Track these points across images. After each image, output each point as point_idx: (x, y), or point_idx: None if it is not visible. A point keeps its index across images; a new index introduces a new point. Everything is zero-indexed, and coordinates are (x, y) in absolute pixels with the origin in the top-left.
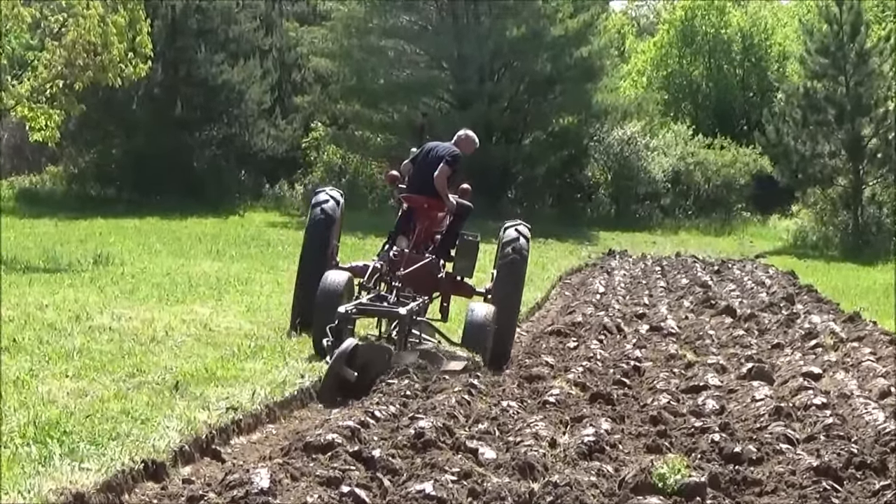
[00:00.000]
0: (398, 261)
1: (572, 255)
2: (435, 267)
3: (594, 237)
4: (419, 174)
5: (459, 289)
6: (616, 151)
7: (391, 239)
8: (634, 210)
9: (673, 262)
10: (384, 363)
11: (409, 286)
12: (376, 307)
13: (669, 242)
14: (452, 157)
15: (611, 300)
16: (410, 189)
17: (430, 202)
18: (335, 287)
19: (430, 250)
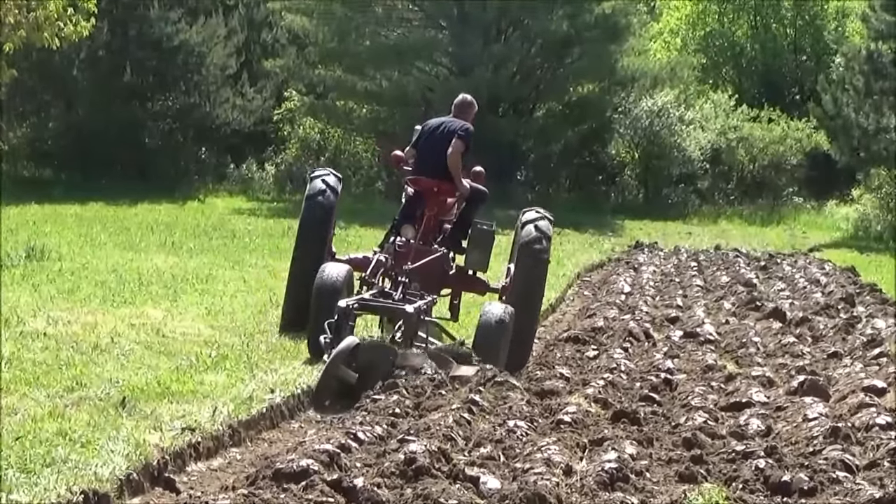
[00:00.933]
0: (404, 253)
1: (592, 247)
2: (445, 260)
3: (618, 227)
4: (427, 153)
5: (472, 285)
6: (644, 125)
7: (395, 228)
8: (666, 195)
9: (711, 256)
10: (388, 365)
11: (415, 282)
12: (381, 304)
13: (707, 233)
14: (466, 132)
15: (638, 301)
16: (417, 170)
17: (441, 186)
18: (334, 280)
19: (439, 241)
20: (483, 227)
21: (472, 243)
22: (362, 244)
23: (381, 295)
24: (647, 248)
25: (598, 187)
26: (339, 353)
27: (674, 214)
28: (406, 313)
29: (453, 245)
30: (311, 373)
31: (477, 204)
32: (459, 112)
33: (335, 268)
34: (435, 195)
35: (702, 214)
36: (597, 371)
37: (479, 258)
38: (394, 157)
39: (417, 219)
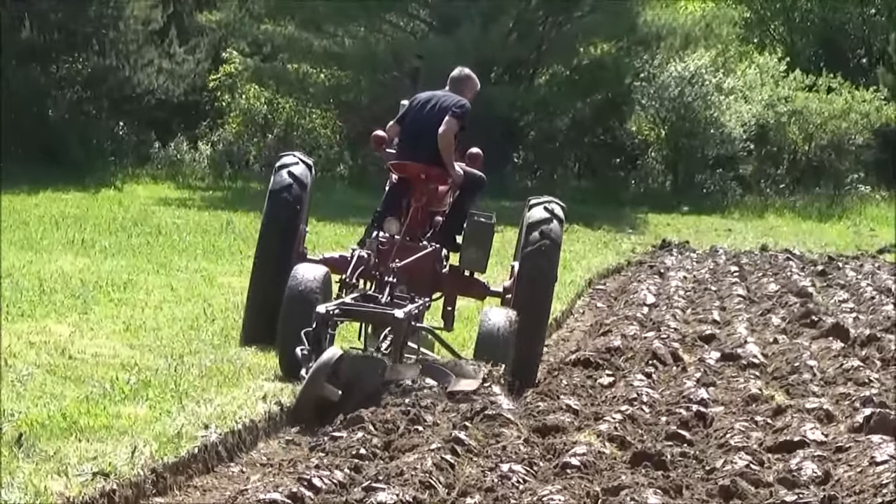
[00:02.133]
0: (388, 250)
1: (608, 247)
2: (436, 259)
3: (640, 222)
4: (413, 133)
5: (468, 287)
6: (674, 95)
7: (376, 221)
8: (700, 182)
9: (757, 258)
10: (376, 380)
11: (402, 284)
12: (366, 309)
13: (752, 230)
14: (461, 109)
15: (664, 315)
16: (401, 153)
17: (429, 171)
18: (309, 284)
19: (429, 236)
20: (481, 220)
21: (468, 239)
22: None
23: (365, 299)
24: (675, 249)
25: (614, 173)
26: (320, 366)
27: (709, 207)
28: (395, 319)
29: (446, 241)
30: (254, 404)
31: (473, 192)
32: (455, 86)
33: (310, 269)
34: (423, 182)
35: (744, 207)
36: (612, 402)
37: (476, 256)
38: (374, 137)
39: (403, 211)
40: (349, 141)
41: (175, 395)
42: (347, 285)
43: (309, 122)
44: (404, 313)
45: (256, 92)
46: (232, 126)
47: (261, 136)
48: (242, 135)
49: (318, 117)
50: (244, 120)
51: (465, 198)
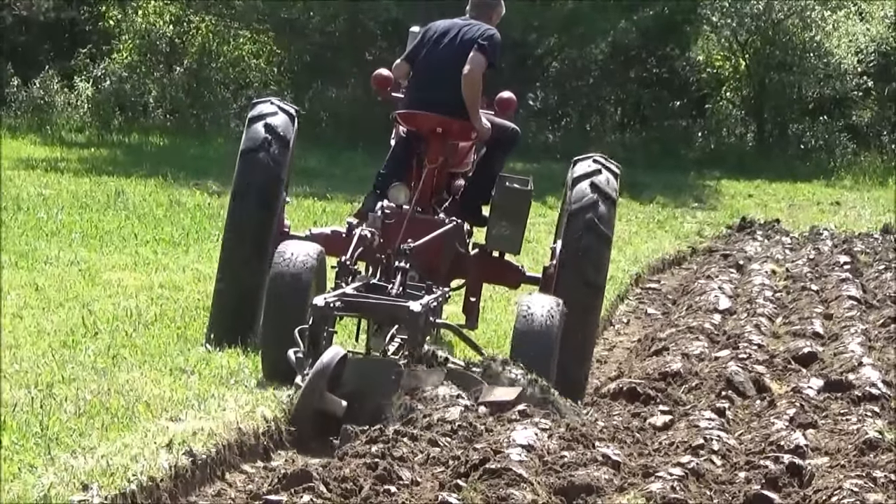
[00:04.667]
0: (394, 224)
1: (663, 229)
2: (457, 236)
3: (710, 192)
4: (429, 74)
5: (498, 273)
6: (757, 10)
7: (379, 187)
8: (796, 135)
9: (876, 244)
10: (391, 387)
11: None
12: (374, 300)
13: (870, 203)
14: (490, 42)
15: (744, 326)
16: (413, 100)
17: (449, 124)
18: (301, 266)
19: (447, 206)
20: (514, 186)
21: (498, 210)
22: None
23: (369, 288)
24: (760, 231)
25: (673, 122)
26: (319, 372)
27: (808, 171)
28: (412, 312)
29: (469, 213)
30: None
31: (504, 150)
32: (478, 10)
33: (300, 248)
34: (440, 138)
35: (859, 170)
36: (669, 451)
37: (508, 233)
38: (377, 76)
39: (414, 174)
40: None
41: (41, 443)
42: (346, 270)
43: (234, 50)
44: (421, 306)
45: (158, 6)
46: (123, 55)
47: (165, 69)
48: (138, 67)
49: (246, 42)
50: (141, 46)
51: (493, 157)
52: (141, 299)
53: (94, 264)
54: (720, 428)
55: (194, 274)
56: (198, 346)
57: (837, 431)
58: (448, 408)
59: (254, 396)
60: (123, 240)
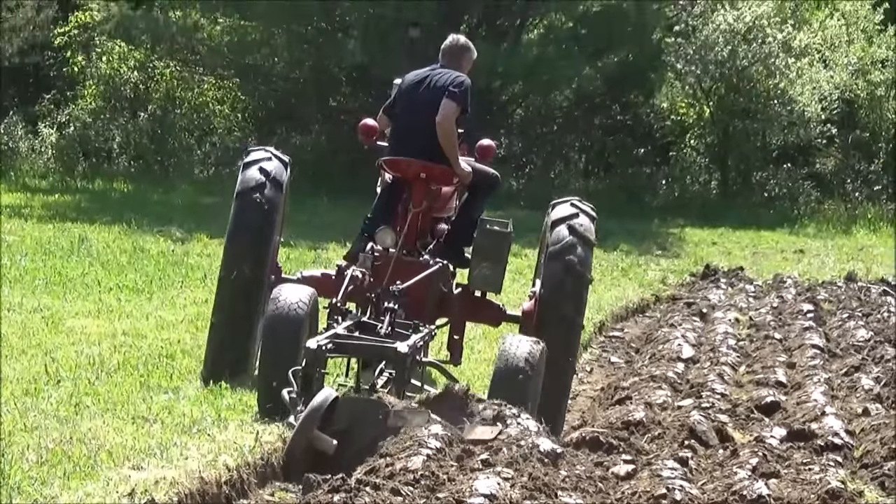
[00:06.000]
0: (382, 266)
1: (627, 276)
2: (442, 278)
3: (674, 239)
4: (407, 122)
5: (480, 311)
6: (722, 57)
7: (367, 231)
8: (760, 182)
9: (840, 292)
10: (379, 426)
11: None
12: (364, 343)
13: (833, 251)
14: (460, 89)
15: (707, 375)
16: (395, 148)
17: (430, 169)
18: (295, 309)
19: (432, 248)
20: (494, 229)
21: (480, 252)
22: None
23: (359, 327)
24: (724, 279)
25: (637, 169)
26: (312, 412)
27: (772, 219)
28: (398, 353)
29: (452, 254)
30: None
31: (484, 194)
32: (449, 59)
33: (294, 291)
34: (423, 183)
35: (823, 218)
36: (632, 500)
37: (489, 273)
38: (362, 126)
39: (400, 218)
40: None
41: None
42: (337, 310)
43: (198, 96)
44: (408, 346)
45: (123, 52)
46: (88, 101)
47: (129, 115)
48: (102, 113)
49: (210, 88)
50: (105, 92)
51: (474, 201)
52: (104, 347)
53: (57, 311)
54: (683, 477)
55: (157, 321)
56: (160, 394)
57: (800, 481)
58: (411, 457)
59: (216, 445)
60: (87, 287)
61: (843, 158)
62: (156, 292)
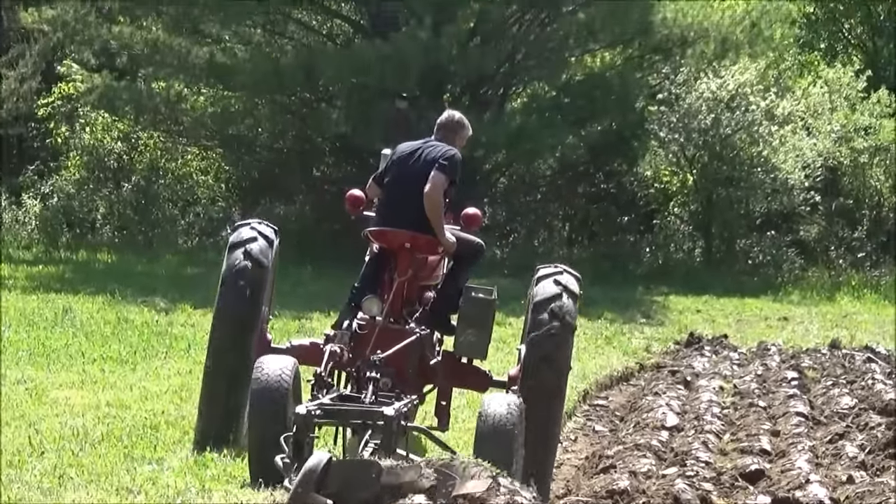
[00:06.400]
0: (367, 335)
1: (611, 344)
2: (426, 346)
3: (658, 307)
4: (396, 193)
5: (466, 378)
6: (705, 125)
7: (354, 300)
8: (744, 250)
9: (824, 359)
10: (373, 485)
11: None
12: (351, 408)
13: (817, 318)
14: (450, 162)
15: (692, 443)
16: (382, 218)
17: (416, 239)
18: (278, 380)
19: (418, 316)
20: (479, 296)
21: (465, 319)
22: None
23: (343, 399)
24: (708, 347)
25: (621, 237)
26: (307, 475)
27: (756, 286)
28: (385, 416)
29: (438, 322)
30: None
31: (469, 263)
32: (443, 133)
33: (276, 362)
34: (409, 253)
35: (807, 285)
36: None
37: (474, 340)
38: (350, 196)
39: (386, 286)
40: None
41: None
42: (321, 383)
43: (182, 166)
44: (394, 411)
45: (106, 122)
46: (72, 172)
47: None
48: (86, 184)
49: (194, 158)
50: (89, 163)
51: (459, 270)
52: (88, 418)
53: (41, 383)
54: None
55: (141, 392)
56: (145, 465)
57: None
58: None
59: None
60: (71, 357)
61: (827, 225)
62: (140, 363)
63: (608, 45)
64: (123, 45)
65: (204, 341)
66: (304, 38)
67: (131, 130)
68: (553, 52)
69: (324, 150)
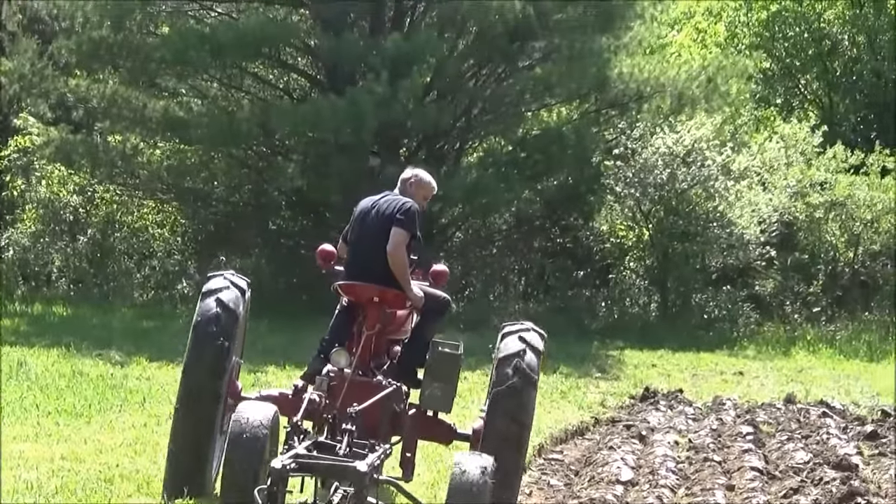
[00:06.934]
0: (337, 386)
1: (566, 399)
2: (395, 399)
3: (613, 362)
4: (360, 248)
5: (432, 430)
6: (661, 180)
7: (323, 352)
8: (699, 305)
9: (779, 414)
10: None
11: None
12: (325, 462)
13: (773, 373)
14: (407, 215)
15: (646, 498)
16: (350, 273)
17: (383, 293)
18: (258, 428)
19: (385, 370)
20: (445, 351)
21: (431, 373)
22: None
23: (318, 447)
24: (663, 401)
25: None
26: None
27: (712, 341)
28: (358, 472)
29: (405, 375)
30: None
31: (435, 318)
32: (404, 187)
33: (256, 411)
34: (376, 307)
35: (762, 340)
36: None
37: (440, 394)
38: (320, 251)
39: (354, 339)
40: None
41: None
42: (297, 431)
43: (138, 219)
44: (367, 465)
45: (62, 175)
46: (27, 224)
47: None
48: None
49: (150, 212)
50: (45, 216)
51: (426, 324)
52: (42, 471)
53: None
54: None
55: (96, 445)
56: None
57: None
58: None
59: None
60: (25, 410)
61: (783, 280)
62: (94, 416)
63: (564, 100)
64: (80, 98)
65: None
66: (260, 92)
67: (87, 183)
68: (509, 107)
69: (280, 203)
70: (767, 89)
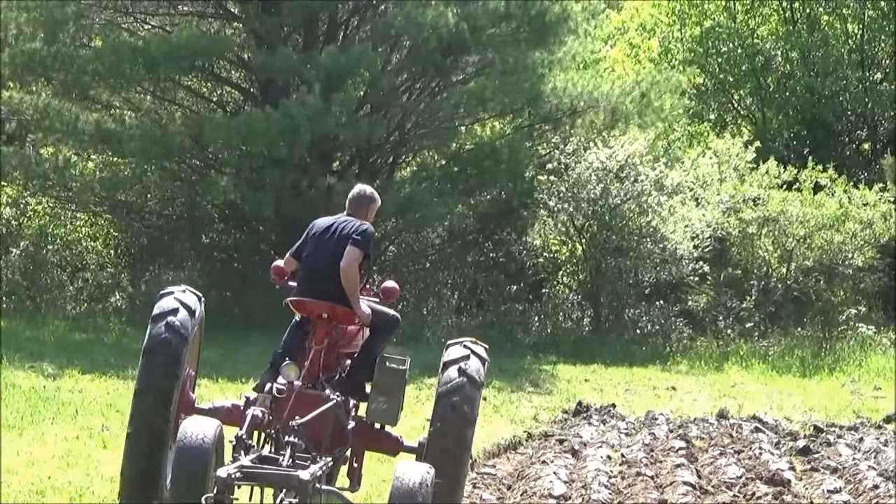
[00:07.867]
0: (284, 399)
1: (499, 413)
2: (342, 411)
3: (546, 376)
4: (313, 267)
5: (378, 442)
6: (594, 195)
7: (275, 364)
8: (632, 320)
9: (712, 429)
10: None
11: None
12: (269, 471)
13: (705, 388)
14: (363, 236)
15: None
16: (301, 290)
17: (334, 310)
18: (202, 441)
19: (334, 383)
20: (391, 366)
21: (377, 387)
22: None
23: (262, 460)
24: (596, 416)
25: (510, 305)
26: None
27: (645, 355)
28: (301, 481)
29: (354, 389)
30: None
31: (383, 334)
32: (355, 207)
33: (201, 424)
34: (326, 322)
35: (695, 355)
36: None
37: (386, 407)
38: (274, 268)
39: (305, 353)
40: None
41: None
42: (242, 444)
43: (71, 232)
44: (310, 475)
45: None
46: None
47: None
48: None
49: (83, 224)
50: None
51: (374, 340)
52: None
53: None
54: None
55: (28, 457)
56: None
57: None
58: None
59: None
60: None
61: (716, 296)
62: (26, 428)
63: (498, 115)
64: (13, 110)
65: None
66: (193, 106)
67: (20, 196)
68: (443, 121)
69: (213, 216)
70: (701, 105)
